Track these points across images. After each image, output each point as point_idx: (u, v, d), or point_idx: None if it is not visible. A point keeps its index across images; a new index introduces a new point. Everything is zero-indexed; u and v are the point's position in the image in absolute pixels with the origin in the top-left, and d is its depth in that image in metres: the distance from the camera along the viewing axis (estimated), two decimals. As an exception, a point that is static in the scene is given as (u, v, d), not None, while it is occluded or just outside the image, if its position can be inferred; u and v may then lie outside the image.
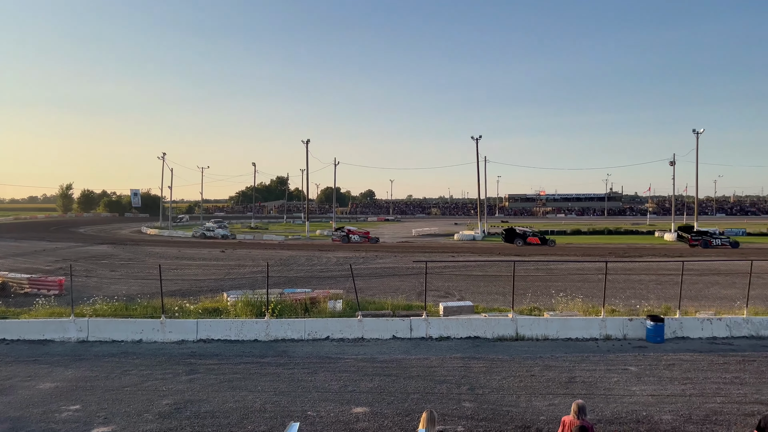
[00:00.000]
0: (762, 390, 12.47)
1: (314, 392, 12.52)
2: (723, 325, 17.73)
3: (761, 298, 23.15)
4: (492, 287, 27.42)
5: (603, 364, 14.72)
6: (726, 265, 34.66)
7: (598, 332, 17.49)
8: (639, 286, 27.42)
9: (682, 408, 11.52)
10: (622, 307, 20.69)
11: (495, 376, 13.71)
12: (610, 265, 33.44)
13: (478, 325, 17.74)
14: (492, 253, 46.64)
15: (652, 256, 43.33)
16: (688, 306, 20.23)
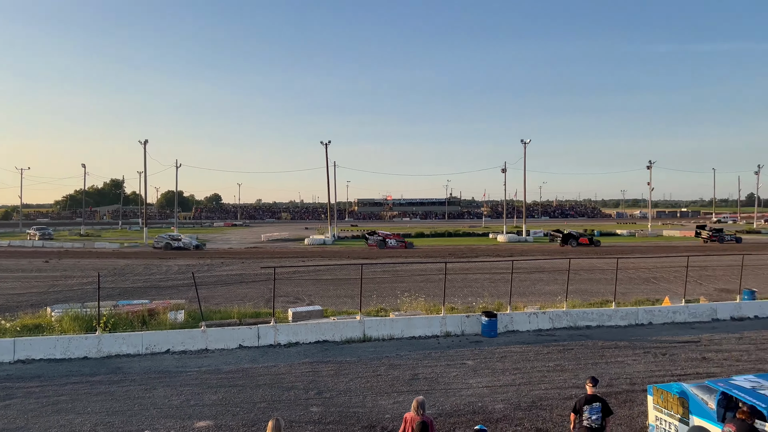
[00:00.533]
0: (579, 375, 13.91)
1: (152, 409, 11.74)
2: (547, 318, 19.56)
3: (578, 292, 25.92)
4: (341, 290, 27.72)
5: (444, 360, 15.52)
6: (549, 263, 38.31)
7: (439, 329, 18.43)
8: (475, 285, 29.34)
9: (512, 396, 12.51)
10: (460, 305, 22.00)
11: (343, 378, 13.86)
12: (450, 265, 35.45)
13: (326, 328, 17.82)
14: (342, 257, 47.20)
15: (487, 256, 46.65)
16: (518, 302, 22.03)
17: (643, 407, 11.34)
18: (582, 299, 23.70)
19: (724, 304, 21.66)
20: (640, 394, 12.29)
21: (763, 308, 21.66)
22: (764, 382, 8.85)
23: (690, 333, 18.86)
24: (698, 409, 8.86)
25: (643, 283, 30.20)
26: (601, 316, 20.05)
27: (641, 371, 14.41)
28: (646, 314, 20.45)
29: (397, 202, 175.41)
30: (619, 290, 23.55)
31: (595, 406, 8.61)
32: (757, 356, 15.94)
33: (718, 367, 14.80)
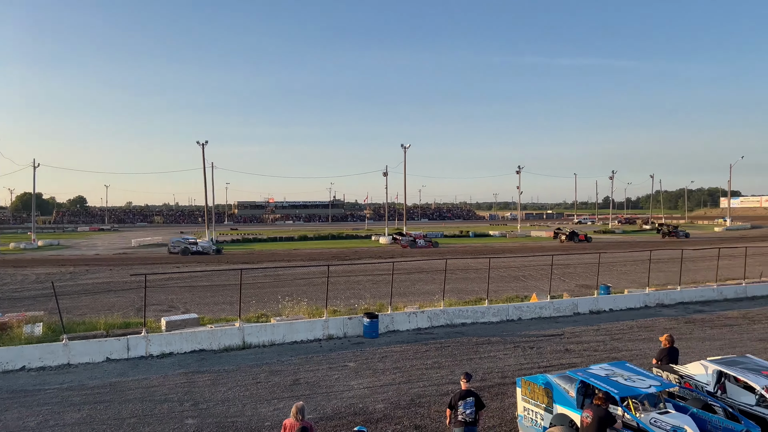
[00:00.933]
0: (455, 371, 14.48)
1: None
2: (425, 317, 20.17)
3: (455, 291, 26.96)
4: (219, 297, 26.80)
5: (325, 363, 15.50)
6: (428, 263, 39.55)
7: (321, 333, 18.37)
8: (358, 287, 29.62)
9: (392, 396, 12.75)
10: (343, 308, 22.08)
11: (220, 387, 13.39)
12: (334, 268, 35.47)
13: (203, 337, 17.14)
14: (220, 262, 45.66)
15: (369, 258, 47.28)
16: (399, 302, 22.51)
17: (513, 399, 12.02)
18: (458, 298, 24.69)
19: (584, 299, 23.54)
20: (510, 387, 13.02)
21: (617, 301, 23.80)
22: (616, 370, 9.71)
23: (555, 327, 20.28)
24: (561, 397, 9.54)
25: (514, 281, 32.06)
26: (475, 313, 21.01)
27: (512, 365, 15.28)
28: (516, 310, 21.72)
29: (280, 204, 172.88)
30: (492, 288, 24.81)
31: (469, 400, 8.99)
32: (611, 346, 17.48)
33: (578, 357, 16.04)
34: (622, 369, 9.80)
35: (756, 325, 20.47)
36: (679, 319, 21.58)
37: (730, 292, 26.18)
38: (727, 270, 30.62)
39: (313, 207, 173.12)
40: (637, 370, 9.91)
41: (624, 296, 24.38)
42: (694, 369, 11.06)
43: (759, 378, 9.70)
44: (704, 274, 31.83)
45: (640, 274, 31.59)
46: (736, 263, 31.24)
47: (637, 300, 24.25)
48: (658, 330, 19.09)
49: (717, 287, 26.22)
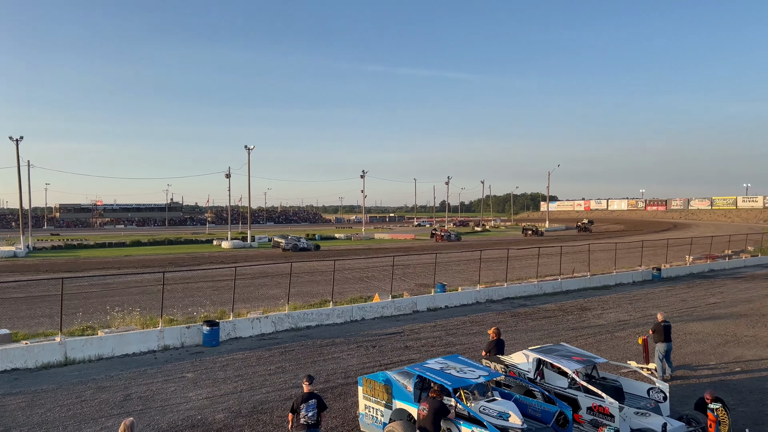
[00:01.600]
0: (299, 375, 14.38)
1: None
2: (270, 322, 19.84)
3: (301, 294, 26.88)
4: (37, 310, 24.12)
5: (161, 375, 14.60)
6: (273, 267, 39.04)
7: (156, 344, 17.28)
8: (198, 294, 28.35)
9: (233, 405, 12.36)
10: (180, 316, 20.97)
11: (38, 410, 12.03)
12: (171, 274, 33.65)
13: (16, 355, 15.28)
14: (38, 270, 41.09)
15: (211, 264, 45.48)
16: (241, 308, 21.89)
17: (355, 398, 12.24)
18: (303, 301, 24.64)
19: (422, 297, 24.71)
20: (353, 387, 13.25)
21: (452, 298, 25.30)
22: (450, 363, 10.32)
23: (396, 325, 21.04)
24: (400, 393, 9.91)
25: (358, 282, 32.74)
26: (320, 315, 21.11)
27: (354, 364, 15.57)
28: (360, 311, 22.19)
29: (110, 207, 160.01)
30: (337, 290, 25.13)
31: (311, 403, 9.00)
32: (447, 341, 18.54)
33: (417, 353, 16.78)
34: (455, 362, 10.43)
35: (569, 316, 22.92)
36: (505, 313, 23.49)
37: (549, 287, 29.05)
38: (546, 267, 33.94)
39: (148, 210, 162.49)
40: (468, 362, 10.61)
41: (458, 293, 25.99)
42: (517, 358, 12.10)
43: (570, 363, 10.86)
44: (527, 271, 34.96)
45: (472, 272, 33.90)
46: (554, 261, 34.72)
47: (470, 297, 25.98)
48: (488, 324, 20.59)
49: (537, 283, 28.96)
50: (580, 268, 34.05)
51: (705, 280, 33.72)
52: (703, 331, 19.85)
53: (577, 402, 10.49)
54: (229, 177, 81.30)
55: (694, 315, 22.90)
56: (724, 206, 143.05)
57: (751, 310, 23.95)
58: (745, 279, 34.46)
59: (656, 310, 20.52)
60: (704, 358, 16.42)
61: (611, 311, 23.92)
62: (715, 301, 26.46)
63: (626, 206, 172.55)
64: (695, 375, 14.86)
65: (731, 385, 13.91)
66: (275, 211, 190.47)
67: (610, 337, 19.07)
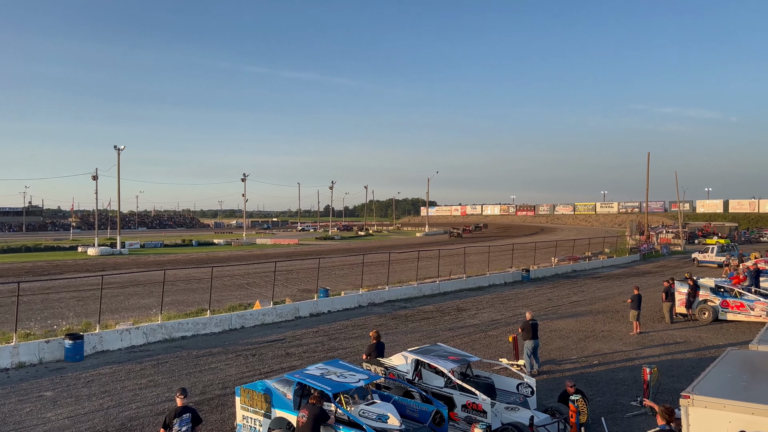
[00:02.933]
0: (173, 388, 13.69)
1: None
2: (141, 333, 18.73)
3: (176, 303, 25.67)
4: None
5: (15, 395, 13.28)
6: (144, 275, 36.91)
7: (9, 361, 15.70)
8: (59, 305, 26.15)
9: (99, 423, 11.52)
10: (38, 330, 19.26)
11: None
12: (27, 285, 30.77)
13: None
14: None
15: (75, 272, 42.15)
16: (109, 319, 20.50)
17: (233, 409, 11.86)
18: (179, 310, 23.55)
19: (305, 302, 24.52)
20: (231, 397, 12.80)
21: (334, 303, 25.34)
22: (330, 368, 10.31)
23: (277, 332, 20.70)
24: (279, 401, 9.75)
25: (238, 290, 31.84)
26: (196, 325, 20.26)
27: (233, 374, 15.11)
28: (239, 319, 21.58)
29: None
30: (215, 298, 24.27)
31: (185, 417, 8.59)
32: (329, 345, 18.53)
33: (299, 360, 16.62)
34: (335, 367, 10.44)
35: (446, 317, 23.80)
36: (387, 316, 23.93)
37: (428, 289, 29.99)
38: (425, 270, 35.02)
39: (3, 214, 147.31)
40: (349, 366, 10.67)
41: (341, 298, 26.10)
42: (396, 360, 12.35)
43: (446, 362, 11.27)
44: (408, 274, 35.85)
45: (355, 277, 34.18)
46: (432, 264, 35.90)
47: (353, 300, 26.18)
48: (370, 327, 20.83)
49: (417, 285, 29.81)
50: (456, 270, 35.49)
51: (568, 280, 36.47)
52: (567, 328, 21.42)
53: (453, 400, 10.90)
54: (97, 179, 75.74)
55: (558, 313, 24.67)
56: (585, 212, 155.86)
57: (608, 307, 26.22)
58: (602, 278, 37.70)
59: (525, 309, 21.86)
60: (567, 353, 17.73)
61: (485, 311, 25.16)
62: (577, 299, 28.69)
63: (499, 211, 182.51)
64: (560, 369, 15.99)
65: (590, 377, 15.12)
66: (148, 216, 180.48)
67: (484, 336, 20.04)
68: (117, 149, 65.59)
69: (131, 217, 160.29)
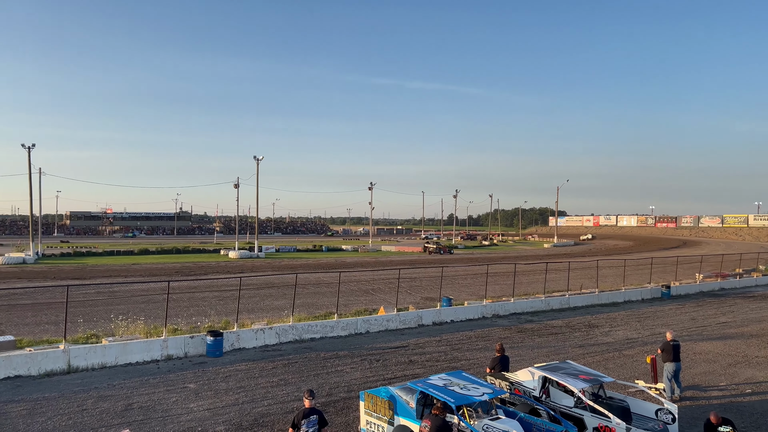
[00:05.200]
0: (301, 388, 14.26)
1: None
2: (274, 333, 19.73)
3: (305, 305, 26.77)
4: (42, 317, 24.15)
5: (163, 385, 14.51)
6: (278, 278, 38.96)
7: (159, 353, 17.21)
8: (203, 303, 28.29)
9: (234, 417, 12.24)
10: (184, 326, 20.92)
11: (38, 418, 11.96)
12: (177, 283, 33.65)
13: (20, 362, 15.24)
14: (46, 277, 41.21)
15: (217, 273, 45.48)
16: (245, 318, 21.81)
17: (358, 413, 12.09)
18: (308, 312, 24.53)
19: (428, 311, 24.52)
20: (355, 401, 13.09)
21: (457, 313, 25.10)
22: (453, 379, 10.17)
23: (401, 338, 20.87)
24: (402, 409, 9.76)
25: (363, 295, 32.57)
26: (324, 327, 20.98)
27: (358, 378, 15.41)
28: (364, 324, 22.04)
29: (119, 215, 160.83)
30: (342, 302, 25.00)
31: (312, 419, 8.86)
32: (452, 356, 18.34)
33: (421, 368, 16.61)
34: (458, 378, 10.28)
35: (576, 333, 22.66)
36: (512, 329, 23.26)
37: (556, 303, 28.78)
38: (553, 283, 33.67)
39: (157, 219, 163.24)
40: (473, 378, 10.45)
41: (464, 308, 25.79)
42: (522, 375, 11.93)
43: (577, 381, 10.68)
44: (534, 286, 34.68)
45: (479, 287, 33.70)
46: (561, 276, 34.50)
47: (476, 311, 25.78)
48: (494, 339, 20.40)
49: (545, 298, 28.70)
50: (588, 285, 33.76)
51: (715, 299, 33.32)
52: (713, 351, 19.54)
53: (583, 422, 10.31)
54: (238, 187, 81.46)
55: (703, 334, 22.58)
56: (735, 224, 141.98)
57: (763, 330, 23.59)
58: (756, 298, 34.01)
59: (665, 328, 20.24)
60: (714, 379, 16.14)
61: (619, 329, 23.64)
62: (726, 320, 26.10)
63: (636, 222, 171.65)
64: (705, 396, 14.59)
65: (742, 407, 13.63)
66: (283, 222, 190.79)
67: (618, 356, 18.81)
68: (256, 159, 70.03)
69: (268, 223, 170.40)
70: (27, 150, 59.63)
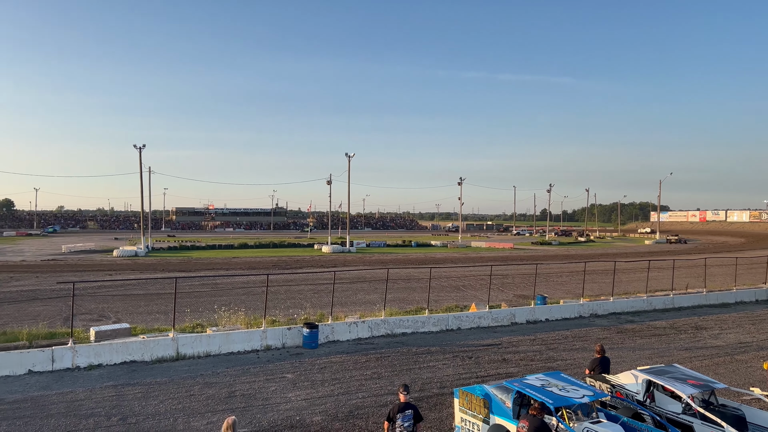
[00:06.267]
0: (394, 382, 14.41)
1: None
2: (366, 326, 20.05)
3: (396, 300, 26.99)
4: (153, 306, 25.87)
5: (263, 374, 15.13)
6: (370, 273, 39.49)
7: (259, 343, 17.96)
8: (299, 296, 29.22)
9: (330, 408, 12.55)
10: (282, 317, 21.70)
11: (152, 401, 12.85)
12: (274, 277, 34.93)
13: (135, 348, 16.43)
14: (155, 269, 44.15)
15: (311, 267, 46.82)
16: (339, 312, 22.32)
17: (450, 410, 12.05)
18: (399, 307, 24.71)
19: (522, 308, 23.99)
20: (449, 397, 13.05)
21: (553, 312, 24.38)
22: (551, 380, 9.88)
23: (493, 336, 20.56)
24: (498, 408, 9.61)
25: (454, 291, 32.38)
26: (415, 323, 21.06)
27: (450, 375, 15.35)
28: (456, 320, 21.91)
29: (220, 211, 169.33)
30: (432, 298, 24.97)
31: (407, 413, 8.91)
32: (547, 355, 17.84)
33: (515, 367, 16.29)
34: (556, 379, 9.98)
35: (682, 335, 21.37)
36: (611, 329, 22.29)
37: (659, 303, 27.27)
38: (656, 282, 31.93)
39: (255, 215, 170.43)
40: (571, 380, 10.11)
41: (560, 306, 25.02)
42: (625, 378, 11.39)
43: (685, 387, 10.06)
44: (635, 285, 33.04)
45: (575, 285, 32.56)
46: (664, 275, 32.65)
47: (572, 310, 24.92)
48: (592, 340, 19.66)
49: (647, 298, 27.26)
50: (694, 284, 31.76)
51: (843, 302, 30.29)
52: (842, 360, 17.78)
53: (693, 429, 9.71)
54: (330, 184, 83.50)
55: (830, 340, 20.61)
56: None
57: None
58: None
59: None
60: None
61: (730, 331, 22.05)
62: None
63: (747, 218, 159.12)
64: (832, 408, 13.31)
65: None
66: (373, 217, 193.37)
67: (730, 360, 17.56)
68: (348, 157, 71.42)
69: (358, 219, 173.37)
70: (138, 150, 64.10)
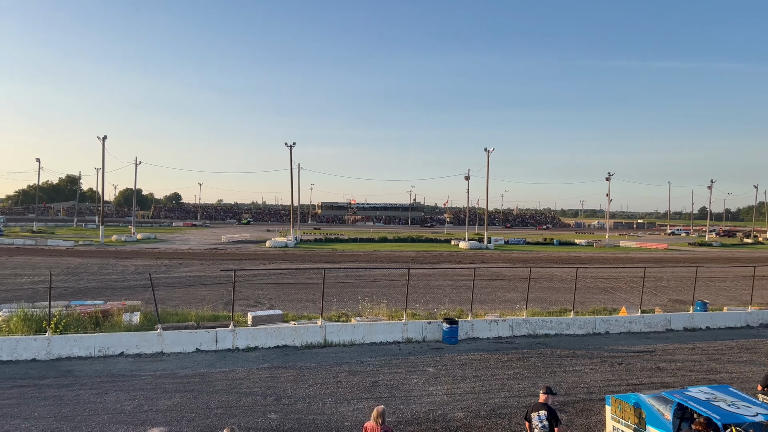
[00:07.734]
0: (537, 383, 14.00)
1: (104, 414, 11.31)
2: (507, 325, 19.69)
3: (538, 300, 26.21)
4: (302, 294, 27.42)
5: (404, 366, 15.44)
6: (510, 270, 38.73)
7: (400, 336, 18.35)
8: (437, 291, 29.41)
9: (472, 404, 12.50)
10: (422, 311, 21.98)
11: (302, 384, 13.64)
12: (413, 271, 35.47)
13: (286, 333, 17.55)
14: (304, 260, 46.78)
15: (449, 263, 46.90)
16: (479, 309, 22.14)
17: (599, 416, 11.47)
18: (541, 308, 23.97)
19: (678, 314, 22.18)
20: (596, 404, 12.44)
21: (715, 319, 22.27)
22: (718, 394, 9.03)
23: (645, 343, 19.24)
24: (654, 419, 8.98)
25: (601, 293, 30.74)
26: (559, 324, 20.29)
27: (598, 380, 14.60)
28: (604, 324, 20.79)
29: (361, 206, 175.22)
30: (578, 299, 23.92)
31: (541, 413, 8.63)
32: (708, 367, 16.34)
33: (672, 377, 15.11)
34: (724, 393, 9.11)
35: None
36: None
37: None
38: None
39: (393, 209, 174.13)
40: (742, 395, 9.18)
41: (723, 314, 22.79)
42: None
43: None
44: (816, 294, 29.18)
45: (741, 291, 29.53)
46: None
47: (738, 319, 22.59)
48: (763, 353, 17.70)
49: (831, 310, 23.95)
50: None
51: None
52: None
53: None
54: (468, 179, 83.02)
55: None
56: None
57: None
58: None
59: None
60: None
61: None
62: None
63: None
64: None
65: None
66: (511, 214, 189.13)
67: None
68: (487, 152, 70.48)
69: (496, 215, 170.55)
70: (289, 148, 68.16)
